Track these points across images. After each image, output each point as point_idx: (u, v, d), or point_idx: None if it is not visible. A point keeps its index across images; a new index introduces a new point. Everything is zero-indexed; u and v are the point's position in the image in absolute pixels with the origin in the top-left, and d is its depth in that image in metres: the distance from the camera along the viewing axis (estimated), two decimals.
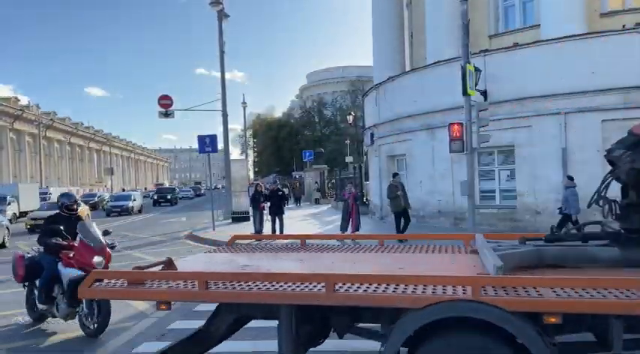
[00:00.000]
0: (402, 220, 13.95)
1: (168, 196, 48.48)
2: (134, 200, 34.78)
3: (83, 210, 22.16)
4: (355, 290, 3.24)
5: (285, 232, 15.70)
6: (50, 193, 41.87)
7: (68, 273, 6.16)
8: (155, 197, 48.96)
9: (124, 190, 58.32)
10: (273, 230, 15.63)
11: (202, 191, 75.73)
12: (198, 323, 6.70)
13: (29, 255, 7.05)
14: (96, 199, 43.66)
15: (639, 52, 13.31)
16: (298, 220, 21.99)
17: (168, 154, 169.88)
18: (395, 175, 14.82)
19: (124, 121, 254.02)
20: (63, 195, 7.14)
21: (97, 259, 6.01)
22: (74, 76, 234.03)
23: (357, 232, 14.48)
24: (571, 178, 12.63)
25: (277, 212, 15.74)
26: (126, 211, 32.76)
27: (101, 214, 33.46)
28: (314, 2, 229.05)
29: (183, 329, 6.48)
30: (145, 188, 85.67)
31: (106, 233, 6.78)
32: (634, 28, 14.02)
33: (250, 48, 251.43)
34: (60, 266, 6.33)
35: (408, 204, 14.19)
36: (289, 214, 16.85)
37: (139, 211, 35.03)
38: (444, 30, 17.90)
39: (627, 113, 13.46)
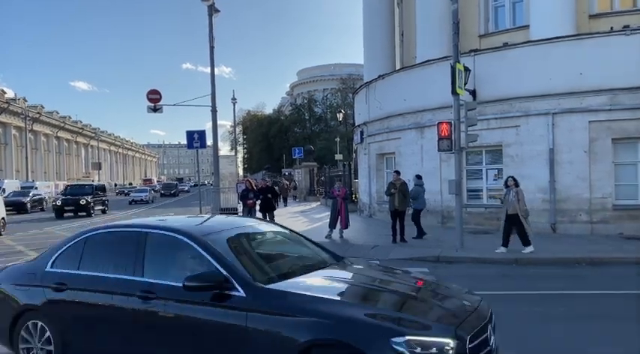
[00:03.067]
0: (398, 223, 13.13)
1: (82, 201, 27.51)
2: None
3: None
4: None
5: None
6: (36, 187, 41.35)
7: None
8: (58, 203, 28.04)
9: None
10: None
11: (186, 188, 70.64)
12: None
13: None
14: None
15: (627, 54, 13.43)
16: (287, 217, 21.94)
17: (157, 149, 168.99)
18: (396, 172, 13.96)
19: (111, 116, 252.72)
20: None
21: None
22: (59, 69, 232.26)
23: (345, 230, 14.45)
24: (419, 177, 14.29)
25: (268, 209, 15.64)
26: None
27: None
28: None
29: None
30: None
31: None
32: (622, 31, 14.15)
33: (238, 43, 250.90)
34: None
35: (404, 205, 13.26)
36: (277, 212, 16.76)
37: None
38: (434, 29, 17.93)
39: (614, 115, 13.64)
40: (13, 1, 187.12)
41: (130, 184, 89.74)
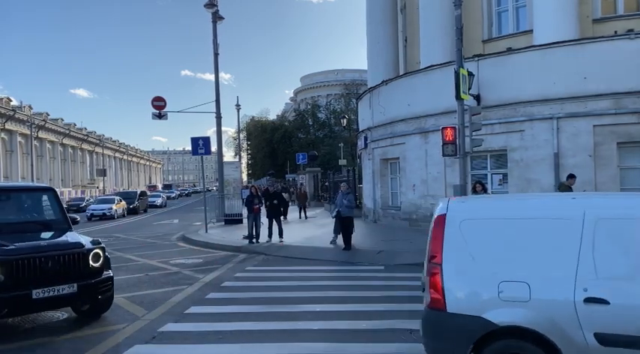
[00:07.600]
0: None
1: None
2: None
3: None
4: None
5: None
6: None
7: None
8: None
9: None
10: (270, 234, 15.39)
11: (158, 202, 48.39)
12: (189, 326, 6.69)
13: None
14: None
15: (630, 58, 13.42)
16: (291, 223, 21.94)
17: (162, 155, 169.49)
18: (570, 176, 12.24)
19: (113, 123, 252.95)
20: None
21: None
22: (59, 77, 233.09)
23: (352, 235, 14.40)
24: (347, 186, 15.21)
25: (275, 215, 15.54)
26: None
27: None
28: (308, 6, 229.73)
29: (175, 332, 6.46)
30: None
31: None
32: (625, 34, 14.14)
33: (237, 50, 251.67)
34: None
35: None
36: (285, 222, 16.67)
37: None
38: (437, 34, 17.96)
39: (618, 119, 13.60)
40: (11, 9, 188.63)
41: None
